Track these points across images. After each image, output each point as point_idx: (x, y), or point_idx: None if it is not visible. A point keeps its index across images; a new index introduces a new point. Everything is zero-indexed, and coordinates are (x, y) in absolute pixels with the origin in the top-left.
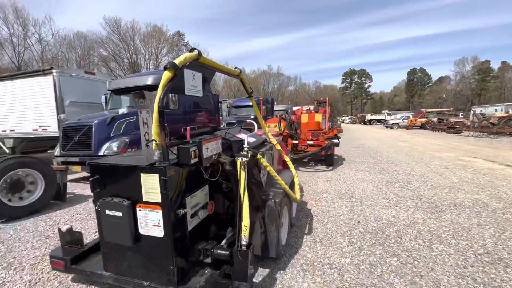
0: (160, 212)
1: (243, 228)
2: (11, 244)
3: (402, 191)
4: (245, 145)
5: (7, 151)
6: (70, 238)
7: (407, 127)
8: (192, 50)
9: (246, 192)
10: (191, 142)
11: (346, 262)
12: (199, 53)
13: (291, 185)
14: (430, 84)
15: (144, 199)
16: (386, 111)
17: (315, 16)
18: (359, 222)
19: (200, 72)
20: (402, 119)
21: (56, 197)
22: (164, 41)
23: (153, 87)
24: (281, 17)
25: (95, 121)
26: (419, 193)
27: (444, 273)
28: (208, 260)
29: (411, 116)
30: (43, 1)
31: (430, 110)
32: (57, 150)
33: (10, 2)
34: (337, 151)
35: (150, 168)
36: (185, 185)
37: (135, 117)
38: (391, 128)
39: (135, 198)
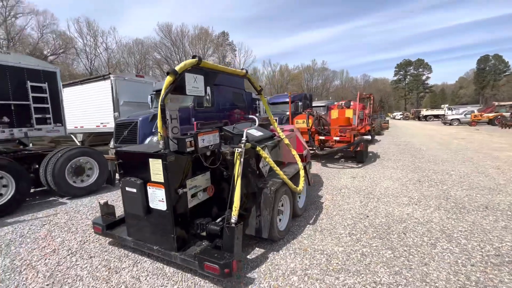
0: (163, 190)
1: (234, 209)
2: (72, 215)
3: (430, 191)
4: (243, 138)
5: (78, 143)
6: (107, 210)
7: (470, 123)
8: (194, 57)
9: (239, 179)
10: (188, 134)
11: (339, 250)
12: (199, 59)
13: (296, 177)
14: (507, 73)
15: (152, 179)
16: (446, 105)
17: (364, 5)
18: (367, 217)
19: (202, 75)
20: (464, 114)
21: (108, 181)
22: (209, 42)
23: None
24: (327, 9)
25: (140, 118)
26: (449, 193)
27: (437, 269)
28: (204, 233)
29: (475, 111)
30: (110, 14)
31: (503, 103)
32: (111, 143)
33: (84, 17)
34: (374, 148)
35: (155, 154)
36: (185, 170)
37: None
38: (450, 124)
39: (147, 178)
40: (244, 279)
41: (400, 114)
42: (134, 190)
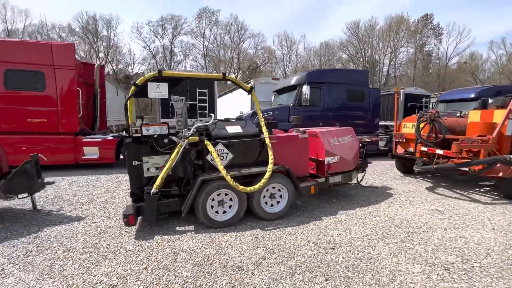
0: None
1: (156, 183)
2: None
3: None
4: (188, 133)
5: None
6: None
7: None
8: (159, 71)
9: (169, 162)
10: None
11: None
12: (159, 72)
13: (257, 177)
14: None
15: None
16: None
17: None
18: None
19: (166, 83)
20: None
21: None
22: (406, 29)
23: (295, 86)
24: None
25: (245, 115)
26: None
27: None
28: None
29: None
30: (302, 24)
31: None
32: None
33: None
34: None
35: (125, 138)
36: (140, 149)
37: (271, 112)
38: None
39: None
40: (149, 235)
41: None
42: None
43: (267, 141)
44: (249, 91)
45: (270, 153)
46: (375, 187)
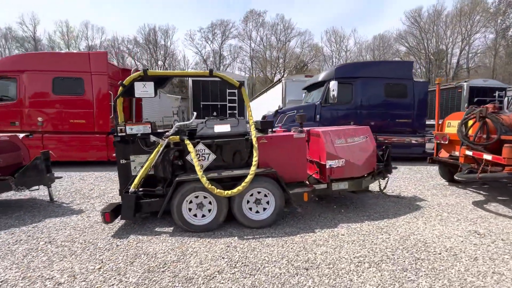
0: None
1: (134, 183)
2: None
3: None
4: (169, 132)
5: None
6: None
7: None
8: (145, 70)
9: (148, 162)
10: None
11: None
12: (144, 72)
13: (237, 180)
14: None
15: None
16: None
17: None
18: None
19: (152, 82)
20: None
21: None
22: (482, 12)
23: (323, 83)
24: None
25: (267, 114)
26: None
27: None
28: None
29: None
30: (353, 18)
31: None
32: None
33: (331, 27)
34: None
35: (114, 137)
36: (128, 148)
37: (295, 111)
38: None
39: None
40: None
41: None
42: None
43: (254, 141)
44: (238, 87)
45: (255, 154)
46: (402, 197)
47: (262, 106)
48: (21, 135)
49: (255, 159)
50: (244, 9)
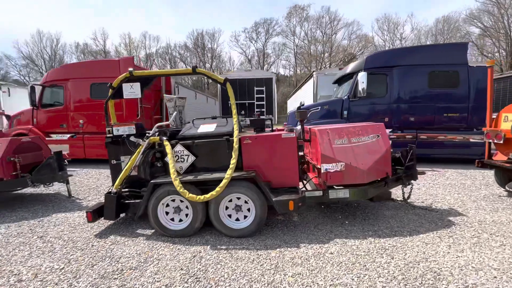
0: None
1: (115, 184)
2: None
3: None
4: (149, 133)
5: None
6: None
7: None
8: (130, 72)
9: (129, 163)
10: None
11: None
12: (130, 73)
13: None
14: None
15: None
16: None
17: None
18: None
19: (138, 82)
20: None
21: None
22: None
23: (352, 75)
24: None
25: (290, 111)
26: None
27: None
28: None
29: None
30: (407, 5)
31: None
32: None
33: (383, 15)
34: None
35: (107, 138)
36: (119, 149)
37: (319, 107)
38: None
39: None
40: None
41: None
42: None
43: (234, 141)
44: (223, 83)
45: (233, 155)
46: (432, 209)
47: (297, 104)
48: (67, 136)
49: (232, 161)
50: (288, 4)
